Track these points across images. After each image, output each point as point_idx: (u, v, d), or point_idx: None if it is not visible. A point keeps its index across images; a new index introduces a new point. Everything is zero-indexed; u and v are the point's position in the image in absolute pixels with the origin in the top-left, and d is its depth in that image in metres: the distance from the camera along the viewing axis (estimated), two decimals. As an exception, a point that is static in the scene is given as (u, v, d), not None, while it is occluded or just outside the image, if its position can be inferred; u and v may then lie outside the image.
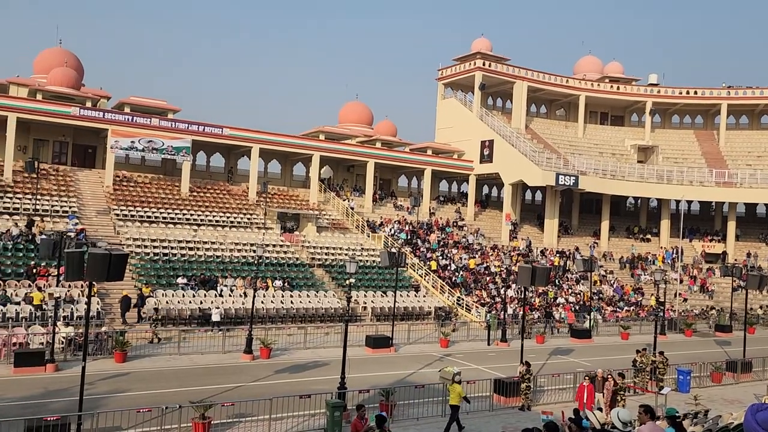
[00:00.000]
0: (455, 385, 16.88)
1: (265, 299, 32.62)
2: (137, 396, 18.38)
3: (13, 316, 25.38)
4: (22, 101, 40.03)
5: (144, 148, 41.94)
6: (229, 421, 15.97)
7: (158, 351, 25.11)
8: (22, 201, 36.28)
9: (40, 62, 47.12)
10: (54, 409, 16.33)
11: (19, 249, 31.35)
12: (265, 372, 22.62)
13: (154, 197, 41.82)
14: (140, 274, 32.36)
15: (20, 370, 20.44)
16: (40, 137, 42.60)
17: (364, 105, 62.31)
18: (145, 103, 44.46)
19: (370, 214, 49.86)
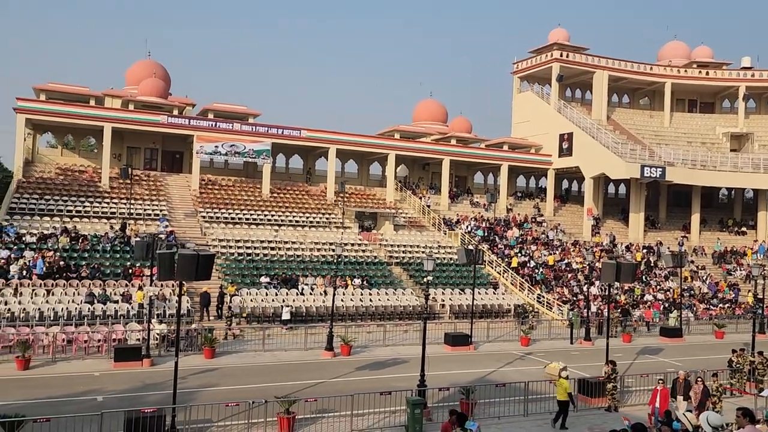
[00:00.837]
0: (562, 381, 16.79)
1: (345, 297, 33.17)
2: (225, 390, 19.16)
3: (112, 314, 27.07)
4: (116, 111, 42.60)
5: (227, 152, 43.62)
6: (312, 416, 16.36)
7: (244, 348, 26.06)
8: (118, 206, 38.60)
9: (131, 74, 49.95)
10: (150, 401, 17.29)
11: (116, 251, 33.37)
12: (346, 369, 23.02)
13: (237, 199, 43.43)
14: (226, 273, 33.69)
15: (120, 365, 21.78)
16: (132, 145, 45.17)
17: (438, 102, 62.09)
18: (227, 109, 46.21)
19: (447, 212, 49.67)
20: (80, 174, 42.00)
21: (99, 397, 18.13)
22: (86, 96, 43.12)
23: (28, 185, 38.72)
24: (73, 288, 28.85)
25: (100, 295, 28.13)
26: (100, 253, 32.87)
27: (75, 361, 22.61)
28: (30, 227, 33.78)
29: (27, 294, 27.50)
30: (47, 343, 23.20)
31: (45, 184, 39.41)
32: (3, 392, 18.20)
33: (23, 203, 36.44)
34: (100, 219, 36.93)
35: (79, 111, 40.90)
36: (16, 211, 35.58)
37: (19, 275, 28.81)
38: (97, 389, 19.01)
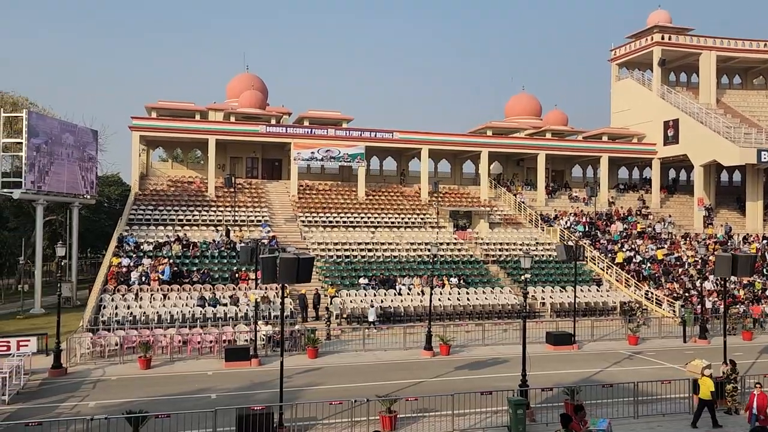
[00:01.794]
0: (705, 378, 16.29)
1: (442, 297, 33.13)
2: (329, 389, 19.70)
3: (221, 316, 28.58)
4: (219, 124, 44.95)
5: (323, 158, 44.85)
6: (413, 415, 16.48)
7: (345, 348, 26.66)
8: (224, 213, 40.69)
9: (231, 88, 52.49)
10: (259, 399, 18.10)
11: (223, 256, 35.18)
12: (446, 368, 22.98)
13: (334, 203, 44.52)
14: (325, 276, 34.60)
15: (230, 364, 22.95)
16: (235, 155, 47.49)
17: (530, 96, 60.61)
18: (321, 115, 47.51)
19: (543, 208, 48.37)
20: (189, 185, 44.65)
21: (212, 394, 19.19)
22: (192, 111, 45.79)
23: (144, 197, 41.66)
24: (186, 292, 30.73)
25: (210, 298, 29.78)
26: (209, 258, 34.77)
27: (190, 360, 24.06)
28: (147, 236, 36.33)
29: (146, 299, 29.61)
30: (165, 344, 24.85)
31: (158, 196, 42.25)
32: (129, 390, 19.71)
33: (140, 214, 39.25)
34: (208, 226, 39.08)
35: (185, 126, 43.58)
36: (134, 221, 38.38)
37: (139, 281, 31.06)
38: (211, 387, 20.13)
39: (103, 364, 23.25)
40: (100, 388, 20.20)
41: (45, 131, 36.74)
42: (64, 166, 38.17)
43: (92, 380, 21.10)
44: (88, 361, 23.64)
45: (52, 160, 37.11)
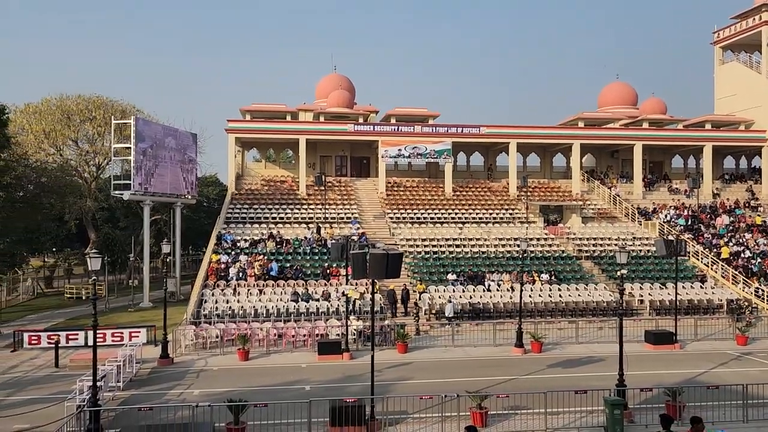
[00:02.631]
0: None
1: (533, 293, 32.46)
2: (419, 384, 19.84)
3: (314, 311, 29.43)
4: (309, 124, 46.23)
5: (410, 155, 45.08)
6: (505, 412, 16.31)
7: (434, 343, 26.72)
8: (314, 211, 41.82)
9: (320, 88, 53.78)
10: (351, 392, 18.51)
11: (314, 253, 36.18)
12: (537, 366, 22.54)
13: (421, 199, 44.65)
14: (414, 271, 34.79)
15: (323, 358, 23.62)
16: (324, 154, 48.69)
17: (625, 84, 58.00)
18: (408, 112, 47.75)
19: (641, 201, 46.24)
20: (281, 184, 46.22)
21: (306, 386, 19.83)
22: (283, 112, 47.33)
23: (240, 197, 43.54)
24: (280, 288, 31.86)
25: (303, 294, 30.73)
26: (301, 255, 35.86)
27: (285, 353, 24.96)
28: (243, 234, 37.96)
29: (243, 293, 30.98)
30: (261, 337, 25.90)
31: (253, 195, 44.03)
32: (229, 380, 20.73)
33: (236, 213, 41.08)
34: (299, 224, 40.31)
35: (277, 127, 45.16)
36: (231, 220, 40.23)
37: (236, 277, 32.54)
38: (305, 379, 20.80)
39: (205, 355, 24.56)
40: (203, 377, 21.38)
41: (150, 136, 39.18)
42: (168, 169, 40.55)
43: (196, 370, 22.36)
44: (192, 352, 25.06)
45: (157, 163, 39.52)
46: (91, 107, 47.41)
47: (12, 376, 21.67)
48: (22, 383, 20.72)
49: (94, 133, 47.94)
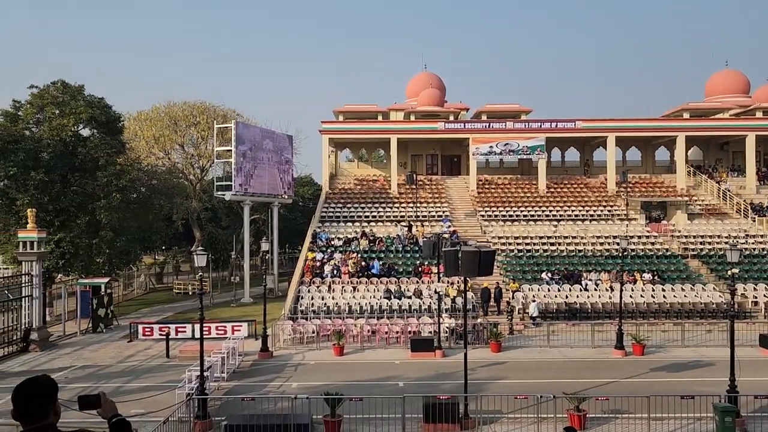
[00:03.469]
0: None
1: (634, 293, 31.08)
2: (513, 384, 19.55)
3: (406, 308, 29.68)
4: (400, 124, 46.63)
5: (501, 151, 44.40)
6: (604, 415, 15.76)
7: (528, 343, 26.21)
8: (406, 209, 42.13)
9: (410, 87, 54.09)
10: (444, 389, 18.55)
11: (406, 251, 36.47)
12: (639, 369, 21.59)
13: (513, 197, 43.88)
14: (506, 270, 34.26)
15: (416, 355, 23.79)
16: (415, 153, 48.93)
17: (736, 72, 54.15)
18: (499, 108, 47.06)
19: (754, 196, 43.08)
20: (373, 183, 46.91)
21: (400, 382, 20.06)
22: (374, 112, 48.01)
23: (333, 196, 44.61)
24: (373, 285, 32.37)
25: (395, 291, 31.06)
26: (393, 253, 36.25)
27: (378, 349, 25.35)
28: (337, 232, 38.89)
29: (338, 290, 31.75)
30: (356, 334, 26.46)
31: (346, 194, 44.98)
32: (325, 374, 21.35)
33: (330, 212, 42.15)
34: (391, 222, 40.75)
35: (369, 127, 45.88)
36: (325, 219, 41.31)
37: (331, 274, 33.39)
38: (398, 375, 21.05)
39: (302, 350, 25.41)
40: (301, 370, 22.14)
41: (249, 139, 40.94)
42: (266, 170, 42.20)
43: (294, 363, 23.19)
44: (290, 346, 25.99)
45: (256, 165, 41.22)
46: (195, 113, 50.21)
47: (129, 365, 23.40)
48: (138, 371, 22.32)
49: (198, 137, 50.73)
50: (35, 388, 3.06)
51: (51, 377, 3.19)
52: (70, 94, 34.57)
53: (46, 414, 3.04)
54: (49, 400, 3.08)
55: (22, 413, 3.03)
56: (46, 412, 3.05)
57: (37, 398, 3.05)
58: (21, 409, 3.03)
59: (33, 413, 3.02)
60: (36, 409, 3.03)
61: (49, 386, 3.11)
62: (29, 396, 3.03)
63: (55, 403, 3.10)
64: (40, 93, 34.51)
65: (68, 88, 34.89)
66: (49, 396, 3.08)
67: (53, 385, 3.13)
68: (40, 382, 3.10)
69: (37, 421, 3.01)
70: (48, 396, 3.08)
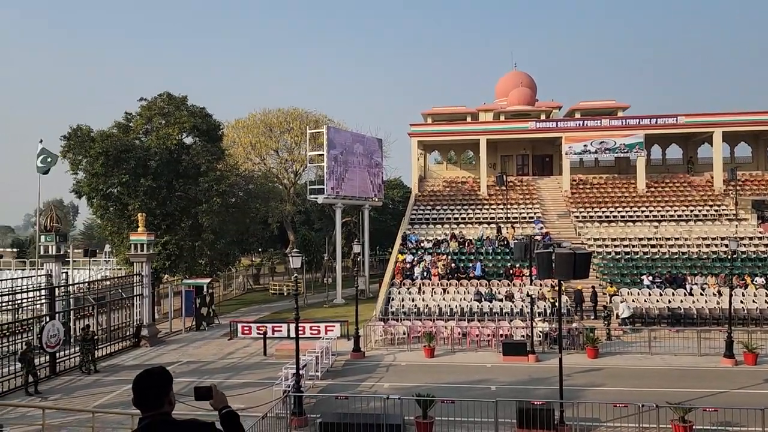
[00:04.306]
0: None
1: (745, 298, 29.04)
2: (611, 392, 18.78)
3: (497, 311, 29.24)
4: (489, 124, 46.06)
5: (596, 150, 42.81)
6: (712, 428, 14.82)
7: (628, 349, 25.08)
8: (496, 211, 41.53)
9: (500, 87, 53.32)
10: (537, 395, 18.09)
11: (497, 253, 35.94)
12: (751, 379, 20.12)
13: (610, 197, 42.19)
14: (603, 273, 32.99)
15: (508, 358, 23.37)
16: (505, 153, 48.13)
17: None
18: (594, 106, 45.44)
19: None
20: (462, 185, 46.60)
21: (492, 386, 19.78)
22: (463, 114, 47.71)
23: (422, 198, 44.72)
24: (463, 287, 32.14)
25: (486, 293, 30.68)
26: (483, 255, 35.84)
27: (469, 352, 25.12)
28: (426, 234, 38.94)
29: (428, 292, 31.77)
30: (446, 336, 26.36)
31: (435, 197, 44.96)
32: (416, 375, 21.42)
33: (420, 214, 42.27)
34: (481, 224, 40.31)
35: (457, 128, 45.63)
36: (415, 221, 41.49)
37: (421, 276, 33.47)
38: (490, 379, 20.77)
39: (393, 350, 25.62)
40: (392, 371, 22.33)
41: (340, 143, 41.83)
42: (356, 173, 42.95)
43: (385, 364, 23.43)
44: (381, 347, 26.27)
45: (346, 168, 42.05)
46: (289, 119, 51.94)
47: (229, 362, 24.51)
48: (238, 368, 23.34)
49: (291, 142, 52.44)
50: (152, 379, 3.31)
51: (167, 369, 3.43)
52: (174, 105, 36.75)
53: (161, 403, 3.28)
54: (165, 391, 3.31)
55: (140, 401, 3.28)
56: (161, 402, 3.28)
57: (154, 388, 3.29)
58: (139, 397, 3.28)
59: (150, 402, 3.26)
60: (153, 398, 3.27)
61: (165, 378, 3.35)
62: (147, 386, 3.28)
63: (169, 393, 3.33)
64: (149, 105, 36.92)
65: (173, 99, 37.09)
66: (165, 387, 3.32)
67: (168, 377, 3.37)
68: (156, 373, 3.35)
69: (153, 408, 3.25)
70: (164, 387, 3.31)
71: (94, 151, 33.15)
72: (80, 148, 33.74)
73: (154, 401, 3.27)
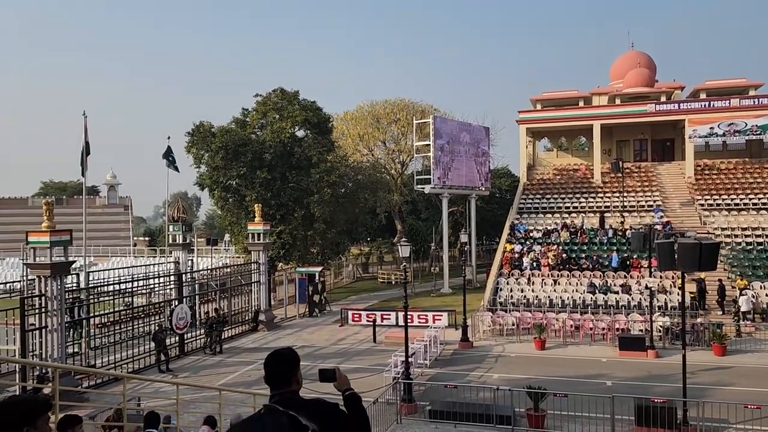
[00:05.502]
0: None
1: None
2: (741, 391, 17.45)
3: (613, 304, 27.99)
4: (603, 108, 43.93)
5: (724, 133, 39.67)
6: None
7: (761, 347, 23.16)
8: (611, 199, 39.67)
9: (615, 69, 50.65)
10: (658, 392, 17.18)
11: (612, 243, 34.35)
12: None
13: (740, 183, 39.02)
14: (732, 265, 30.63)
15: (624, 353, 22.34)
16: (621, 138, 45.76)
17: None
18: (721, 85, 42.11)
19: None
20: (574, 172, 44.89)
21: (607, 381, 19.03)
22: (575, 98, 45.84)
23: (531, 187, 43.58)
24: (576, 278, 31.03)
25: (600, 285, 29.45)
26: (597, 245, 34.39)
27: (583, 345, 24.28)
28: (536, 224, 37.96)
29: (538, 283, 31.00)
30: (557, 328, 25.63)
31: (545, 185, 43.66)
32: (525, 367, 21.03)
33: (528, 203, 41.25)
34: (595, 213, 38.66)
35: (568, 114, 43.92)
36: (523, 210, 40.55)
37: (530, 266, 32.71)
38: (605, 374, 19.98)
39: (501, 341, 25.29)
40: (501, 362, 22.07)
41: (446, 132, 41.63)
42: (463, 162, 42.60)
43: (494, 355, 23.19)
44: (489, 338, 26.02)
45: (453, 158, 41.81)
46: (396, 110, 52.36)
47: (341, 347, 25.29)
48: (349, 354, 24.03)
49: (398, 133, 52.87)
50: (281, 359, 3.49)
51: (294, 351, 3.60)
52: (287, 100, 38.21)
53: (289, 382, 3.45)
54: (293, 370, 3.48)
55: (270, 379, 3.46)
56: (289, 380, 3.45)
57: (283, 367, 3.46)
58: (269, 376, 3.47)
59: (279, 380, 3.44)
60: (281, 377, 3.45)
61: (293, 358, 3.52)
62: (276, 365, 3.46)
63: (297, 373, 3.49)
64: (263, 100, 38.65)
65: (286, 94, 38.56)
66: (293, 366, 3.49)
67: (296, 358, 3.54)
68: (285, 353, 3.53)
69: (282, 387, 3.43)
70: (292, 366, 3.48)
71: (214, 145, 35.27)
72: (202, 143, 36.01)
73: (282, 380, 3.44)
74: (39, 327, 18.18)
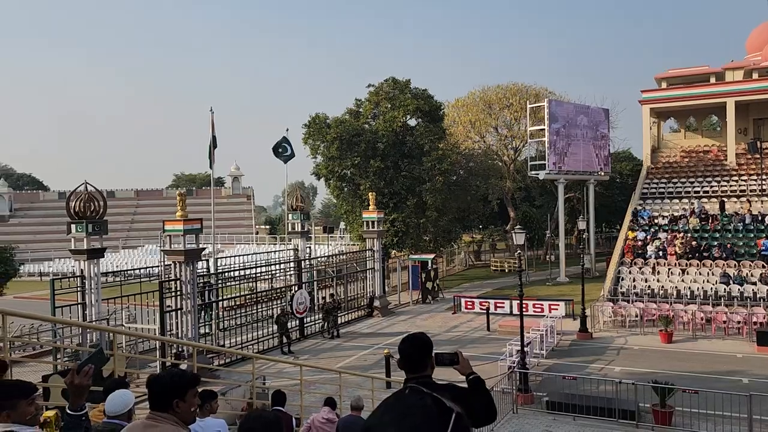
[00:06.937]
0: None
1: None
2: None
3: (750, 296, 25.84)
4: (738, 84, 40.37)
5: None
6: None
7: None
8: (747, 182, 36.50)
9: (752, 41, 46.34)
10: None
11: (749, 230, 31.65)
12: None
13: None
14: None
15: (763, 349, 20.62)
16: (758, 116, 41.83)
17: None
18: None
19: None
20: (704, 154, 41.73)
21: (744, 378, 17.69)
22: (705, 75, 42.50)
23: (656, 171, 41.04)
24: (707, 268, 28.94)
25: (735, 276, 27.27)
26: (731, 233, 31.84)
27: (715, 340, 22.68)
28: (661, 210, 35.76)
29: (663, 273, 29.24)
30: (686, 320, 24.08)
31: (671, 168, 40.96)
32: (650, 361, 19.99)
33: (653, 188, 38.91)
34: (729, 198, 35.77)
35: (698, 92, 40.78)
36: (647, 195, 38.31)
37: (655, 255, 30.90)
38: (740, 371, 18.57)
39: (623, 333, 24.17)
40: (623, 355, 21.11)
41: (562, 116, 40.13)
42: (580, 146, 40.91)
43: (615, 347, 22.22)
44: (610, 329, 24.95)
45: (569, 142, 40.25)
46: (508, 95, 51.19)
47: (454, 335, 25.32)
48: (463, 341, 24.01)
49: (511, 118, 51.70)
50: (416, 343, 3.50)
51: (427, 336, 3.61)
52: (399, 89, 38.54)
53: (425, 366, 3.47)
54: (427, 355, 3.50)
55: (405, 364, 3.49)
56: (425, 365, 3.47)
57: (420, 351, 3.49)
58: (406, 359, 3.50)
59: (414, 365, 3.47)
60: (417, 362, 3.47)
61: (427, 343, 3.52)
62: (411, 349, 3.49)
63: (431, 357, 3.51)
64: (376, 90, 39.24)
65: (397, 83, 38.90)
66: (428, 351, 3.50)
67: (430, 343, 3.54)
68: (419, 338, 3.54)
69: (417, 371, 3.45)
70: (426, 351, 3.50)
71: (329, 136, 36.36)
72: (318, 134, 37.24)
73: (418, 364, 3.47)
74: (175, 309, 19.76)
